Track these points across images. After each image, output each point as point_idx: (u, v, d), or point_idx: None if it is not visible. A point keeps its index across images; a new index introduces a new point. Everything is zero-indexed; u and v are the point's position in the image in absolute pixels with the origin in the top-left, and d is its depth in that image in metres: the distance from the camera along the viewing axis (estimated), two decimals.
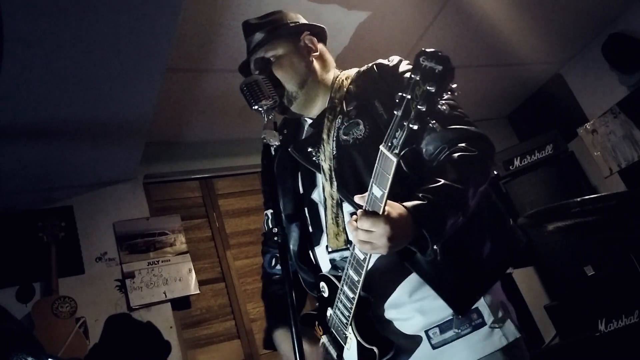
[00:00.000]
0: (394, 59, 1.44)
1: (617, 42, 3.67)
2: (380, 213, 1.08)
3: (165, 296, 3.06)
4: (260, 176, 3.75)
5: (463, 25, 3.18)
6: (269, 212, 1.62)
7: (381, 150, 1.06)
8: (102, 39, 2.02)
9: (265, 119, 1.37)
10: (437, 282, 1.25)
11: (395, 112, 1.00)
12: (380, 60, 1.46)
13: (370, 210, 1.10)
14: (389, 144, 1.03)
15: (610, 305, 3.11)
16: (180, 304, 3.14)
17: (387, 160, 1.04)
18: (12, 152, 2.54)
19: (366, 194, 1.12)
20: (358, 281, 1.21)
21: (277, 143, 1.36)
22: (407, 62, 1.42)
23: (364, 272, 1.19)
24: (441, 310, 1.27)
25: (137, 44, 2.10)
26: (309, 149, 1.45)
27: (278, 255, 1.54)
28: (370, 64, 1.48)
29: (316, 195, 1.47)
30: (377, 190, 1.08)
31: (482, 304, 1.27)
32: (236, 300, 3.32)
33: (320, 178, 1.42)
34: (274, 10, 1.61)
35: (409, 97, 0.97)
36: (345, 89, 1.46)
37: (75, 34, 1.96)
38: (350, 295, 1.25)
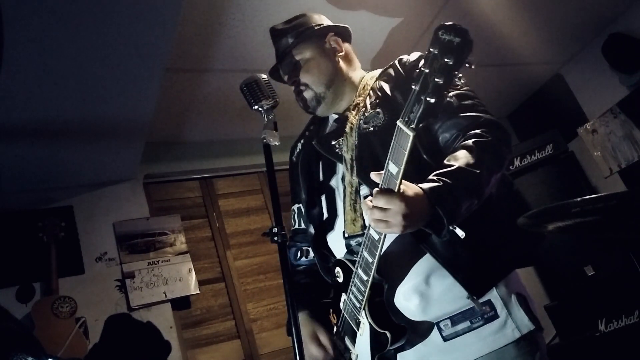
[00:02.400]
0: (415, 55, 1.48)
1: (617, 42, 3.67)
2: (396, 190, 1.09)
3: (165, 296, 3.06)
4: (259, 176, 3.76)
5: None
6: (296, 207, 1.66)
7: (398, 126, 1.06)
8: (102, 38, 2.02)
9: (265, 119, 1.38)
10: (452, 264, 1.24)
11: (413, 87, 1.00)
12: (401, 56, 1.50)
13: (386, 188, 1.11)
14: (406, 119, 1.03)
15: (610, 305, 3.11)
16: (180, 304, 3.14)
17: (404, 135, 1.05)
18: (12, 152, 2.54)
19: (382, 171, 1.13)
20: (372, 263, 1.21)
21: (277, 143, 1.37)
22: None
23: (378, 253, 1.19)
24: (454, 301, 1.27)
25: (137, 44, 2.10)
26: (332, 142, 1.48)
27: (303, 248, 1.63)
28: (393, 61, 1.52)
29: (334, 182, 1.50)
30: (393, 167, 1.09)
31: (494, 296, 1.27)
32: (236, 300, 3.32)
33: (340, 167, 1.46)
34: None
35: (427, 71, 0.97)
36: (369, 87, 1.50)
37: (75, 34, 1.96)
38: (364, 278, 1.26)
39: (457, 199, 1.15)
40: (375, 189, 1.13)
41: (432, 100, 0.98)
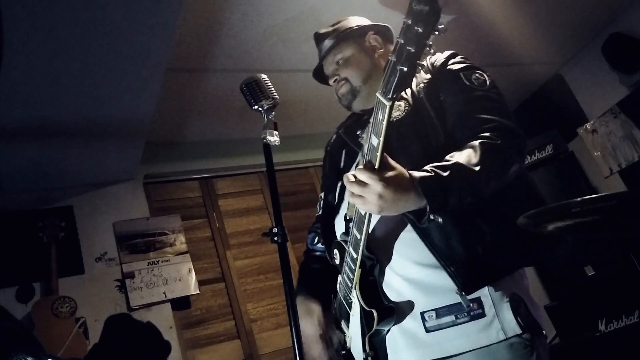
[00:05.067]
0: (446, 52, 1.49)
1: (617, 42, 3.67)
2: (377, 162, 1.10)
3: (165, 296, 3.06)
4: (259, 176, 3.77)
5: (463, 25, 3.18)
6: (322, 194, 1.68)
7: (377, 97, 1.08)
8: (102, 39, 2.02)
9: (265, 119, 1.38)
10: (446, 256, 1.23)
11: (390, 58, 1.02)
12: (434, 55, 1.51)
13: (368, 161, 1.12)
14: (383, 90, 1.05)
15: (610, 305, 3.11)
16: (180, 304, 3.14)
17: (382, 105, 1.06)
18: (12, 152, 2.54)
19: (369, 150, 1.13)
20: (361, 239, 1.22)
21: (277, 143, 1.37)
22: (461, 56, 1.48)
23: (365, 230, 1.19)
24: (443, 294, 1.25)
25: (137, 44, 2.10)
26: (357, 132, 1.52)
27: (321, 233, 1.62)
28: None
29: (352, 170, 1.51)
30: (374, 139, 1.10)
31: (484, 294, 1.24)
32: (236, 300, 3.32)
33: (360, 156, 1.48)
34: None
35: (402, 41, 0.99)
36: None
37: (75, 34, 1.96)
38: (354, 255, 1.26)
39: (446, 190, 1.14)
40: (360, 164, 1.14)
41: (405, 69, 1.00)
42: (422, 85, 1.42)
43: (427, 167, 1.17)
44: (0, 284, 2.75)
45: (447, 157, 1.21)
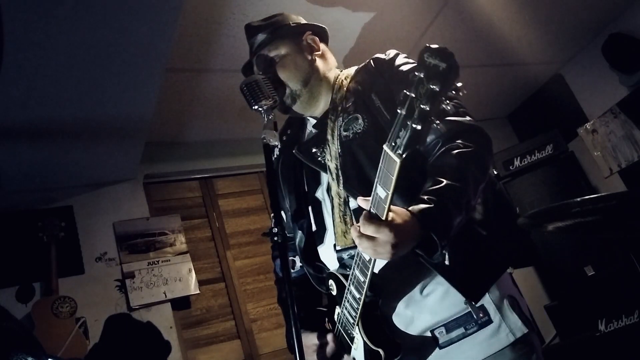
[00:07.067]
0: (391, 53, 1.46)
1: (617, 42, 3.67)
2: (384, 214, 1.06)
3: (165, 296, 3.06)
4: (259, 176, 3.76)
5: (463, 25, 3.18)
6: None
7: (384, 150, 1.02)
8: (102, 39, 2.02)
9: (265, 119, 1.37)
10: (448, 271, 1.22)
11: (398, 111, 0.96)
12: (377, 55, 1.48)
13: (374, 212, 1.08)
14: (393, 144, 0.98)
15: (610, 305, 3.11)
16: (180, 304, 3.14)
17: (391, 160, 1.00)
18: (12, 152, 2.54)
19: (370, 196, 1.09)
20: (364, 282, 1.20)
21: (277, 143, 1.34)
22: (404, 55, 1.44)
23: (369, 273, 1.17)
24: (448, 308, 1.26)
25: (137, 44, 2.10)
26: (314, 150, 1.45)
27: (290, 258, 1.58)
28: (367, 60, 1.50)
29: (319, 194, 1.47)
30: (382, 191, 1.05)
31: (487, 301, 1.26)
32: (236, 300, 3.32)
33: (325, 177, 1.43)
34: (275, 11, 1.62)
35: (412, 95, 0.92)
36: (345, 88, 1.47)
37: (75, 34, 1.96)
38: (357, 295, 1.24)
39: (449, 218, 1.13)
40: (364, 214, 1.09)
41: (419, 127, 0.93)
42: (376, 92, 1.37)
43: (423, 197, 1.14)
44: (0, 284, 2.75)
45: (435, 178, 1.18)
